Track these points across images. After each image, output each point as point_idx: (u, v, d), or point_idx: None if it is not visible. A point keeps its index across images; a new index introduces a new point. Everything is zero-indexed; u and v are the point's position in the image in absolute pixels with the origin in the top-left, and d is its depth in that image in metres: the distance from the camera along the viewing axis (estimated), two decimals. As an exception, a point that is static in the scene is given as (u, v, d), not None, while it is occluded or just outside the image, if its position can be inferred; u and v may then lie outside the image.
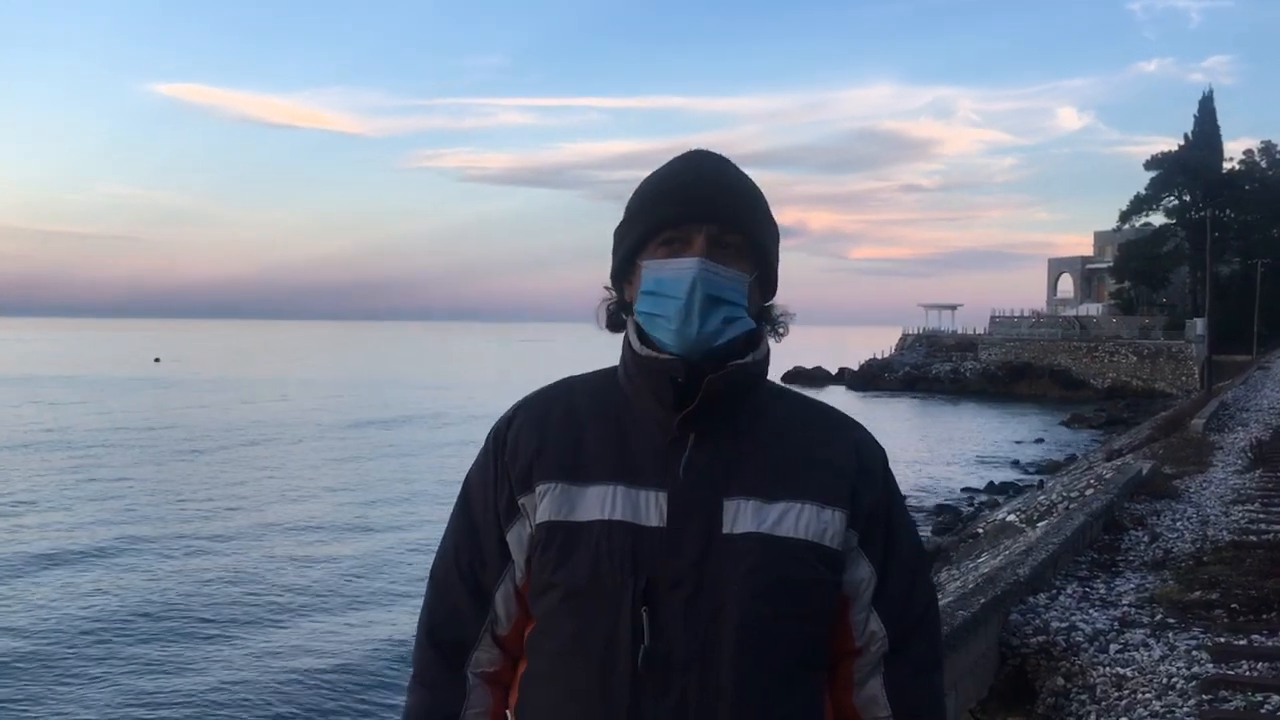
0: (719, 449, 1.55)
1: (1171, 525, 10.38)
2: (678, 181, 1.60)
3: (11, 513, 23.03)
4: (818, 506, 1.53)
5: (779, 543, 1.52)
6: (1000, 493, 26.12)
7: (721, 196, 1.58)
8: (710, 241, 1.55)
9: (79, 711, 11.68)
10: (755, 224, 1.61)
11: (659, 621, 1.49)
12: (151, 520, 22.52)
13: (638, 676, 1.48)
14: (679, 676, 1.48)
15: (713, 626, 1.49)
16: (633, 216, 1.63)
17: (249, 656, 13.50)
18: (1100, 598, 7.53)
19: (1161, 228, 70.27)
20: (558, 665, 1.55)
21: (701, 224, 1.56)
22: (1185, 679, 5.86)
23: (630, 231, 1.62)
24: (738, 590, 1.49)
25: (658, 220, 1.58)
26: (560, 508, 1.54)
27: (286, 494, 26.50)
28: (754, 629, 1.49)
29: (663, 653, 1.48)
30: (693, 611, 1.49)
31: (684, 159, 1.64)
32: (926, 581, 1.67)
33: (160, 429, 41.05)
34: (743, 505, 1.52)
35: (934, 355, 69.68)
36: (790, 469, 1.54)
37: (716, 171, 1.61)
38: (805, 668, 1.56)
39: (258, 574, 17.88)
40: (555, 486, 1.55)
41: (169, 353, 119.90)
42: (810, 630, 1.55)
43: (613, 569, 1.50)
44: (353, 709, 11.76)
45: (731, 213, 1.57)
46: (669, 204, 1.58)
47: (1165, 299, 71.57)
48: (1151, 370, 58.77)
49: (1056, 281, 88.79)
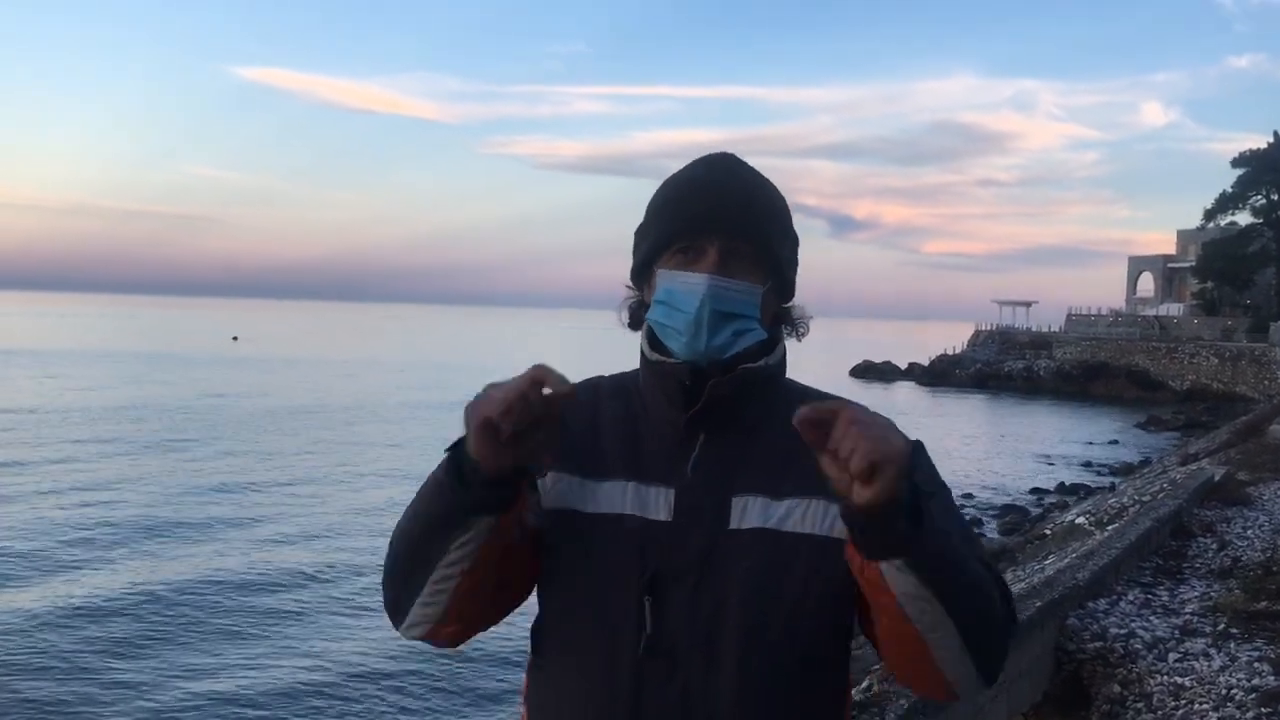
0: (728, 448, 1.60)
1: (1241, 533, 10.15)
2: (693, 192, 1.63)
3: (98, 486, 23.74)
4: (826, 501, 1.53)
5: (785, 538, 1.55)
6: (1070, 494, 25.63)
7: (736, 208, 1.60)
8: (723, 253, 1.59)
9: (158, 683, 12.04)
10: (769, 234, 1.63)
11: (663, 612, 1.54)
12: (225, 501, 23.07)
13: (641, 666, 1.53)
14: (682, 666, 1.53)
15: (715, 619, 1.53)
16: (649, 222, 1.67)
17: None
18: (1162, 605, 7.41)
19: (1248, 227, 68.38)
20: (564, 653, 1.61)
21: (714, 235, 1.59)
22: (1245, 690, 5.76)
23: (646, 238, 1.67)
24: (741, 584, 1.54)
25: (672, 231, 1.62)
26: (570, 499, 1.60)
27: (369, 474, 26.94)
28: (756, 622, 1.53)
29: (666, 643, 1.53)
30: (696, 604, 1.54)
31: (701, 165, 1.67)
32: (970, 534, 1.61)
33: (242, 404, 41.98)
34: (750, 502, 1.57)
35: (1007, 352, 68.50)
36: (798, 466, 1.54)
37: (732, 181, 1.64)
38: (813, 663, 1.58)
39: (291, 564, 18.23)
40: (568, 479, 1.60)
41: (247, 331, 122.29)
42: (817, 626, 1.57)
43: (619, 560, 1.56)
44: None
45: (745, 224, 1.60)
46: (683, 215, 1.61)
47: (1249, 300, 69.60)
48: (1233, 373, 57.17)
49: (1136, 280, 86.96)
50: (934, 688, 1.56)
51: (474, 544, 1.48)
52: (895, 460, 1.33)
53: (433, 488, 1.50)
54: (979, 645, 1.49)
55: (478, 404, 1.41)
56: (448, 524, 1.48)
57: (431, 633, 1.60)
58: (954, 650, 1.48)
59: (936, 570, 1.41)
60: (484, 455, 1.41)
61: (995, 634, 1.53)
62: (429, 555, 1.51)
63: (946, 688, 1.53)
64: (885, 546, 1.39)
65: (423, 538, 1.51)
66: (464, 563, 1.50)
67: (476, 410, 1.40)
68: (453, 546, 1.48)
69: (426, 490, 1.52)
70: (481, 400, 1.41)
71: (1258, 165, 66.33)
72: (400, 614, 1.59)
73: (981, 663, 1.51)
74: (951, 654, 1.48)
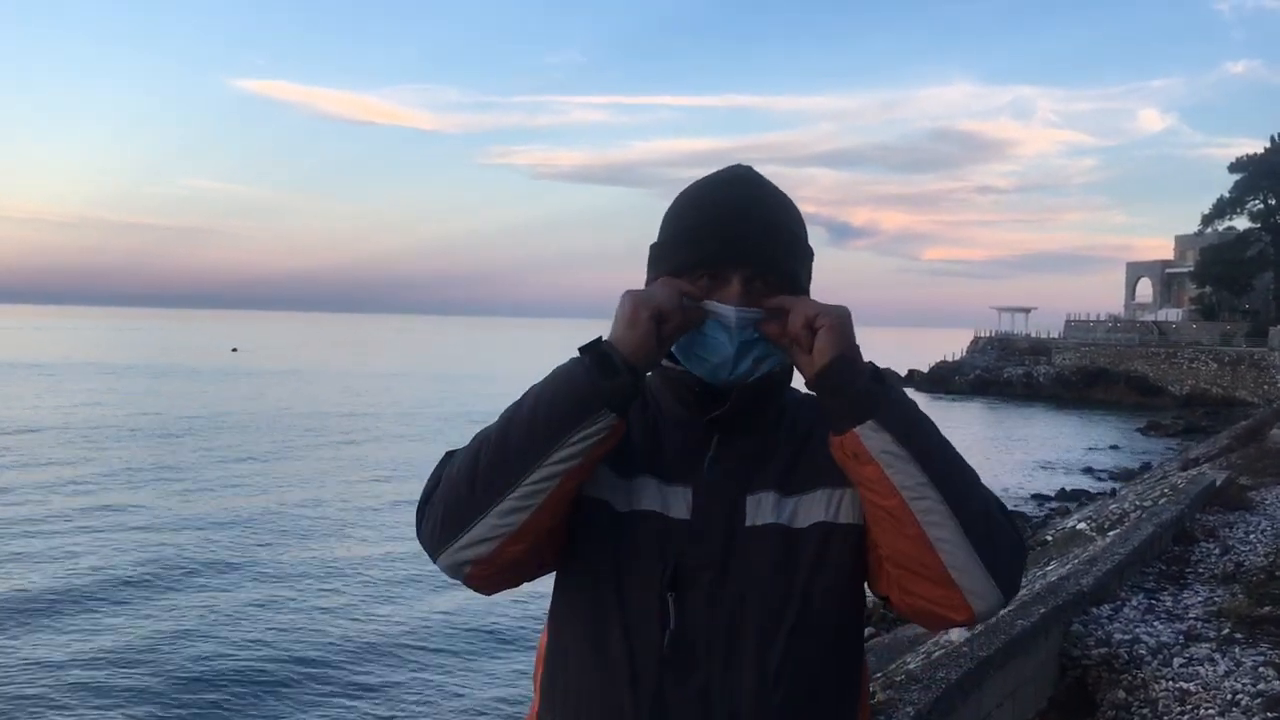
0: (741, 448, 1.65)
1: (1244, 538, 10.13)
2: (716, 218, 1.64)
3: (102, 493, 23.69)
4: (829, 489, 1.61)
5: (797, 533, 1.60)
6: (1071, 500, 25.63)
7: (759, 238, 1.63)
8: (745, 281, 1.61)
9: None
10: (790, 260, 1.66)
11: (684, 607, 1.57)
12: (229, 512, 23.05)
13: (663, 660, 1.56)
14: (702, 663, 1.56)
15: (734, 615, 1.57)
16: (669, 244, 1.68)
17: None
18: (1166, 610, 7.40)
19: (1245, 232, 68.48)
20: (584, 644, 1.62)
21: (738, 265, 1.62)
22: (1251, 695, 5.74)
23: (666, 259, 1.67)
24: (758, 580, 1.58)
25: (695, 259, 1.64)
26: (604, 490, 1.62)
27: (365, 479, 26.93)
28: (774, 617, 1.57)
29: (688, 638, 1.56)
30: (716, 599, 1.57)
31: (722, 189, 1.68)
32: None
33: (240, 416, 41.95)
34: (764, 499, 1.62)
35: (1006, 358, 68.54)
36: (807, 462, 1.64)
37: (754, 209, 1.65)
38: (830, 654, 1.62)
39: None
40: (603, 469, 1.61)
41: (246, 343, 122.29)
42: (832, 615, 1.61)
43: (644, 556, 1.59)
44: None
45: (768, 254, 1.63)
46: (706, 243, 1.63)
47: (1248, 305, 69.66)
48: (1232, 378, 57.17)
49: (1135, 286, 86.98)
50: (949, 603, 1.53)
51: (592, 440, 1.50)
52: (830, 314, 1.53)
53: (564, 378, 1.52)
54: (979, 531, 1.50)
55: (649, 296, 1.54)
56: (581, 410, 1.49)
57: (495, 552, 1.52)
58: (954, 534, 1.48)
59: (911, 425, 1.51)
60: (643, 344, 1.52)
61: (995, 522, 1.54)
62: (544, 447, 1.49)
63: (963, 597, 1.51)
64: (854, 404, 1.50)
65: (544, 427, 1.49)
66: (574, 460, 1.50)
67: (651, 300, 1.53)
68: (574, 439, 1.49)
69: (554, 382, 1.53)
70: (655, 293, 1.55)
71: (1255, 170, 66.41)
72: (460, 530, 1.52)
73: (988, 556, 1.50)
74: (952, 538, 1.48)
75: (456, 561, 1.54)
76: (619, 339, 1.52)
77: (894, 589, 1.58)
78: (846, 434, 1.50)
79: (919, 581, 1.53)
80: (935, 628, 1.69)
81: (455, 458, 1.58)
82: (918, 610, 1.57)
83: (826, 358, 1.51)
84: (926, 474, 1.48)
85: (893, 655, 7.34)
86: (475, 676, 12.56)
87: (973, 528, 1.49)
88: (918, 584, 1.53)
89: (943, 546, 1.49)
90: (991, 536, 1.52)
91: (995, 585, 1.51)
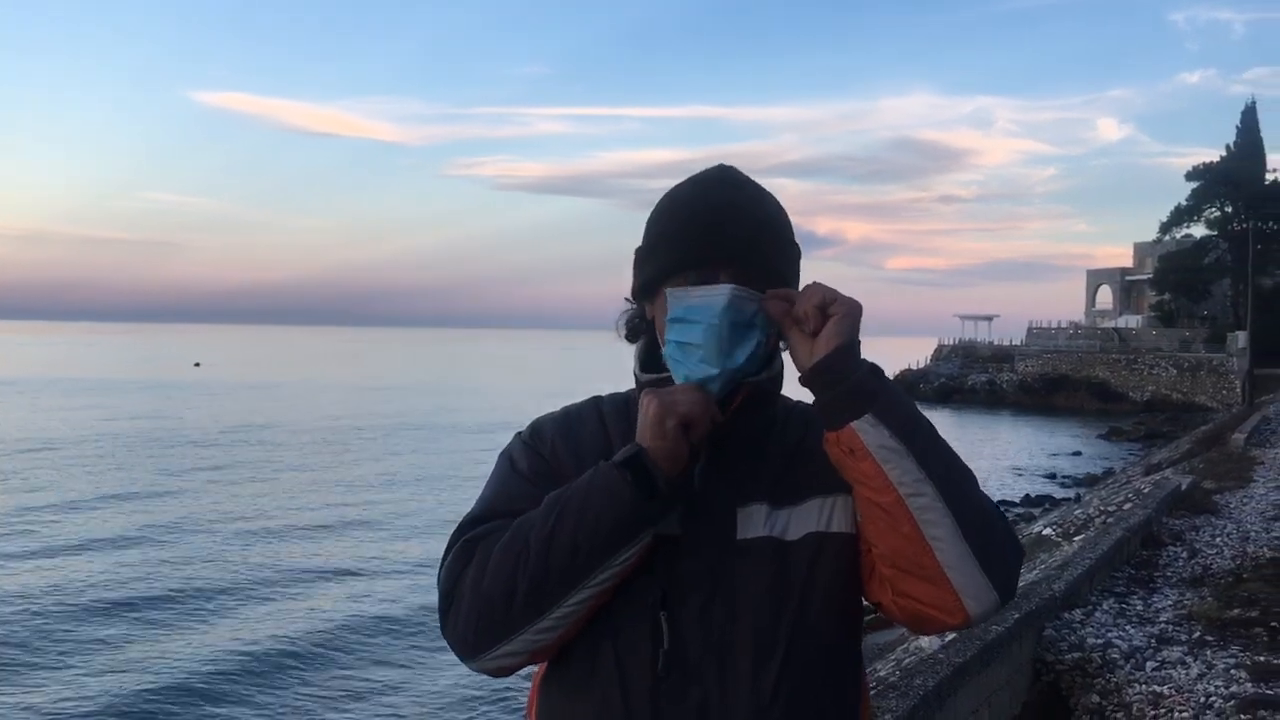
0: (731, 461, 1.60)
1: (1211, 541, 10.23)
2: (701, 217, 1.60)
3: (65, 516, 23.35)
4: (820, 498, 1.58)
5: (789, 545, 1.56)
6: (1036, 505, 25.83)
7: (746, 236, 1.59)
8: (734, 279, 1.57)
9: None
10: (778, 258, 1.63)
11: (677, 625, 1.52)
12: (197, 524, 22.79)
13: (658, 680, 1.51)
14: (696, 681, 1.51)
15: (728, 631, 1.52)
16: (655, 246, 1.65)
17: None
18: (1137, 614, 7.43)
19: (1203, 239, 69.47)
20: (577, 667, 1.58)
21: (726, 263, 1.58)
22: (1223, 698, 5.77)
23: (652, 261, 1.64)
24: (751, 595, 1.53)
25: (682, 260, 1.60)
26: None
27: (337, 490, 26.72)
28: (768, 632, 1.53)
29: (681, 656, 1.52)
30: (709, 616, 1.53)
31: (708, 188, 1.65)
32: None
33: (203, 431, 41.52)
34: (755, 511, 1.57)
35: (970, 366, 69.08)
36: (796, 474, 1.60)
37: (741, 207, 1.62)
38: (827, 667, 1.58)
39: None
40: None
41: (209, 357, 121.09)
42: (828, 627, 1.57)
43: (633, 573, 1.53)
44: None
45: (755, 252, 1.60)
46: (693, 242, 1.60)
47: (1206, 311, 70.63)
48: (1192, 383, 57.95)
49: (1095, 293, 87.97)
50: (944, 605, 1.49)
51: (631, 557, 1.49)
52: (846, 301, 1.49)
53: (607, 499, 1.47)
54: (975, 530, 1.47)
55: (672, 405, 1.47)
56: (626, 535, 1.47)
57: (528, 659, 1.55)
58: (950, 532, 1.45)
59: (909, 421, 1.47)
60: (677, 456, 1.47)
61: (992, 522, 1.51)
62: (586, 571, 1.47)
63: (958, 598, 1.48)
64: (852, 396, 1.45)
65: (587, 553, 1.47)
66: (612, 580, 1.50)
67: (675, 409, 1.47)
68: (616, 561, 1.48)
69: (596, 501, 1.48)
70: (678, 401, 1.48)
71: (1211, 178, 67.35)
72: (495, 644, 1.51)
73: (984, 556, 1.47)
74: (948, 537, 1.45)
75: (489, 668, 1.55)
76: (653, 452, 1.47)
77: (886, 591, 1.54)
78: (843, 429, 1.46)
79: (913, 582, 1.49)
80: (929, 631, 1.65)
81: (481, 557, 1.52)
82: (910, 613, 1.54)
83: (833, 344, 1.47)
84: (924, 470, 1.45)
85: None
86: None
87: (969, 527, 1.46)
88: (911, 585, 1.50)
89: (938, 545, 1.45)
90: (988, 536, 1.49)
91: (991, 586, 1.48)
